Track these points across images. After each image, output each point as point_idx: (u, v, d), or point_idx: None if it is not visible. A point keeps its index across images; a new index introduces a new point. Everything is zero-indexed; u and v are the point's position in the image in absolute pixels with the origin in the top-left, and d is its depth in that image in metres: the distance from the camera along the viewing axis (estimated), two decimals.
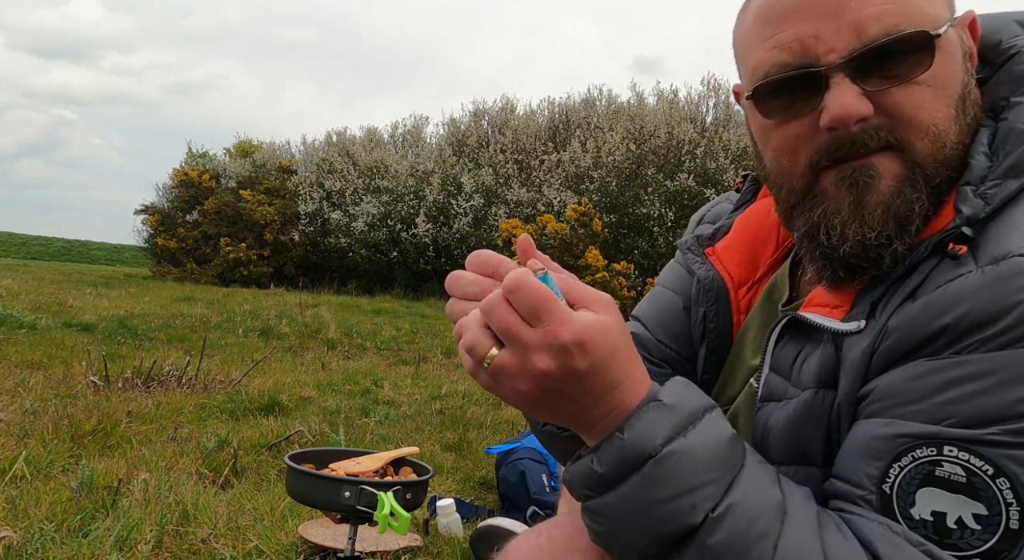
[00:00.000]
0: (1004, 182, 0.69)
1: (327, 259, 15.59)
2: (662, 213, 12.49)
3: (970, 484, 0.60)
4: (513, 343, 0.60)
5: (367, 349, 6.63)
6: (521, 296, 0.60)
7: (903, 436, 0.64)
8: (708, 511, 0.60)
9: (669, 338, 1.03)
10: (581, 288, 0.66)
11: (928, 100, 0.71)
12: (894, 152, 0.72)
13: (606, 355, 0.61)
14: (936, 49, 0.70)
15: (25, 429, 2.95)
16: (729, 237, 0.97)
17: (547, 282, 0.64)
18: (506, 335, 0.61)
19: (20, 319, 6.03)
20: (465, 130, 16.06)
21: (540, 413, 0.65)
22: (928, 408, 0.63)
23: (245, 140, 21.77)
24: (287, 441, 3.11)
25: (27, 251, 32.68)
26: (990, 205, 0.68)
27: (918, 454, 0.62)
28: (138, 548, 1.92)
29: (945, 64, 0.71)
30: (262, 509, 2.27)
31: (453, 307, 0.69)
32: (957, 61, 0.72)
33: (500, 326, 0.61)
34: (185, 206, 15.94)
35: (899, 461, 0.63)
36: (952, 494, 0.61)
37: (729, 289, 0.96)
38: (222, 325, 7.10)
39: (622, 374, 0.63)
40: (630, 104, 14.65)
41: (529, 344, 0.60)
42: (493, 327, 0.62)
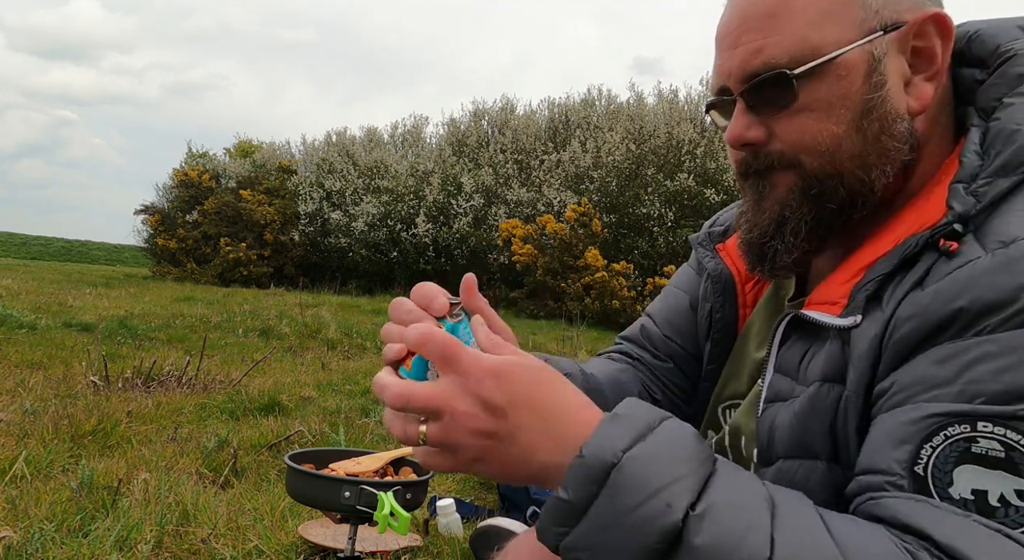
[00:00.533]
0: (995, 180, 0.71)
1: (327, 259, 15.59)
2: (662, 213, 12.49)
3: (1009, 459, 0.59)
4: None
5: (367, 349, 6.63)
6: (429, 349, 0.61)
7: (933, 416, 0.62)
8: (687, 508, 0.57)
9: (675, 334, 1.10)
10: (506, 333, 0.73)
11: (810, 124, 0.79)
12: (790, 169, 0.81)
13: (528, 387, 0.61)
14: (804, 80, 0.77)
15: (25, 429, 2.95)
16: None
17: (464, 325, 0.65)
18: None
19: (20, 319, 6.03)
20: (465, 130, 16.06)
21: (500, 472, 0.63)
22: (956, 389, 0.62)
23: (245, 140, 21.78)
24: (287, 441, 3.11)
25: (27, 251, 32.68)
26: (981, 202, 0.70)
27: (951, 431, 0.61)
28: (138, 548, 1.92)
29: (832, 87, 0.77)
30: (262, 509, 2.27)
31: (387, 328, 0.70)
32: (855, 80, 0.77)
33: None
34: (185, 206, 15.94)
35: (930, 441, 0.62)
36: (992, 470, 0.59)
37: (736, 283, 1.00)
38: (222, 325, 7.10)
39: (557, 405, 0.62)
40: (630, 104, 14.65)
41: (447, 396, 0.60)
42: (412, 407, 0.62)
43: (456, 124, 16.43)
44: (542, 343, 7.82)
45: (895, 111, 0.78)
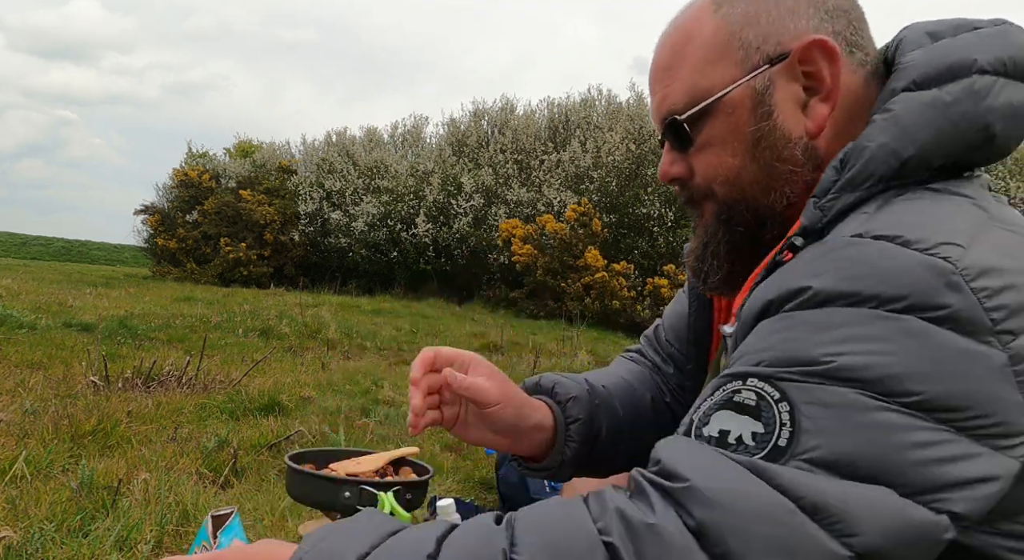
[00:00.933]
0: (841, 195, 0.75)
1: (327, 259, 15.59)
2: (662, 213, 12.49)
3: (757, 407, 0.66)
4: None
5: (367, 349, 6.63)
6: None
7: (724, 376, 0.70)
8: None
9: (675, 339, 1.17)
10: (488, 371, 1.00)
11: (712, 159, 0.87)
12: (709, 199, 0.90)
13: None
14: (698, 121, 0.86)
15: (25, 429, 2.95)
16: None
17: (227, 532, 0.84)
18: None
19: (20, 319, 6.03)
20: (465, 130, 16.07)
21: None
22: (749, 357, 0.69)
23: (245, 140, 21.77)
24: (287, 441, 3.11)
25: (27, 251, 32.69)
26: (827, 216, 0.75)
27: (727, 386, 0.69)
28: (138, 548, 1.92)
29: (723, 124, 0.85)
30: (262, 509, 2.27)
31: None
32: (741, 114, 0.84)
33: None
34: (185, 206, 15.94)
35: (712, 396, 0.70)
36: (740, 415, 0.66)
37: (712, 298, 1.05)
38: (222, 325, 7.10)
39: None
40: (629, 104, 14.65)
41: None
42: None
43: (456, 124, 16.44)
44: (542, 343, 7.82)
45: (786, 136, 0.84)
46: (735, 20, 0.85)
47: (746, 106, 0.84)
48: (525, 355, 6.88)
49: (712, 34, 0.85)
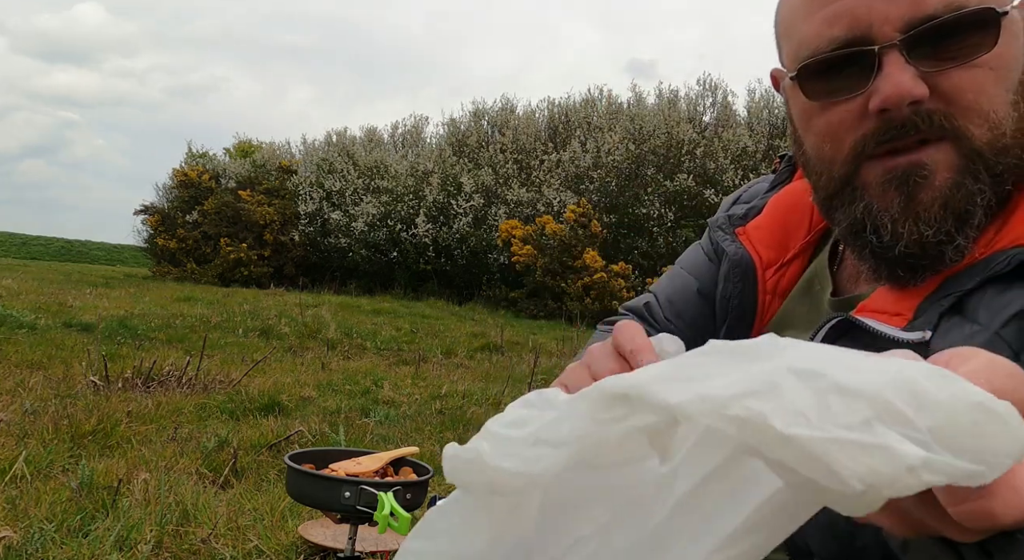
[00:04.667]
0: None
1: (327, 259, 15.59)
2: (662, 213, 12.50)
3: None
4: None
5: (367, 349, 6.63)
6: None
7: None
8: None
9: (675, 316, 1.02)
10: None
11: (989, 84, 0.66)
12: (949, 141, 0.67)
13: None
14: (1001, 29, 0.65)
15: (25, 429, 2.95)
16: (761, 217, 0.94)
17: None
18: None
19: (20, 319, 6.03)
20: (465, 130, 16.07)
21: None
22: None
23: (245, 140, 21.78)
24: (287, 441, 3.11)
25: (27, 251, 32.69)
26: None
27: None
28: (138, 548, 1.92)
29: (1009, 45, 0.66)
30: (262, 509, 2.27)
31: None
32: (1020, 44, 0.67)
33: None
34: (185, 206, 15.95)
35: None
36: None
37: (757, 269, 0.92)
38: (222, 325, 7.10)
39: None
40: (629, 104, 14.66)
41: None
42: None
43: (456, 124, 16.44)
44: (542, 343, 7.82)
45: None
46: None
47: (1021, 35, 0.67)
48: (525, 355, 6.88)
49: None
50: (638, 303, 1.10)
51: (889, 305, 0.70)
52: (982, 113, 0.66)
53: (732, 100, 14.41)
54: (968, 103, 0.66)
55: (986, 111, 0.66)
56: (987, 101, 0.66)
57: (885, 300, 0.71)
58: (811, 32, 0.70)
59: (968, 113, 0.66)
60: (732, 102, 14.37)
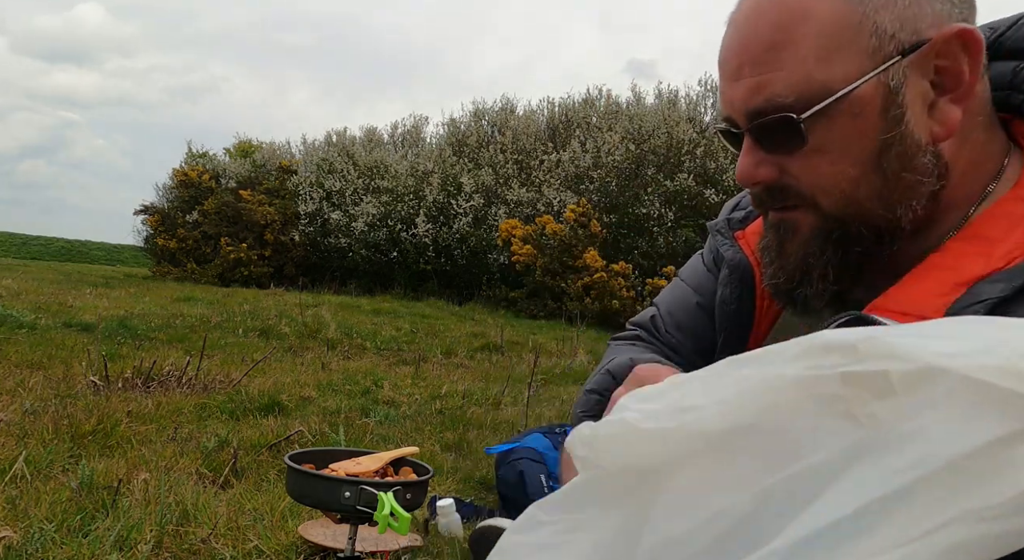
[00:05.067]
0: None
1: (327, 259, 15.59)
2: (662, 213, 12.50)
3: None
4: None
5: (367, 349, 6.63)
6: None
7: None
8: None
9: (675, 329, 1.05)
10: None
11: (824, 167, 0.72)
12: (808, 208, 0.75)
13: None
14: (813, 122, 0.70)
15: (25, 429, 2.95)
16: (760, 221, 0.93)
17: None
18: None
19: (20, 319, 6.03)
20: (465, 130, 16.07)
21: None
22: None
23: (245, 140, 21.77)
24: (287, 441, 3.11)
25: (27, 251, 32.69)
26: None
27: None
28: (138, 548, 1.92)
29: (845, 127, 0.71)
30: (262, 509, 2.27)
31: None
32: (869, 116, 0.70)
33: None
34: (185, 206, 15.94)
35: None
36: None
37: (756, 273, 0.93)
38: (222, 325, 7.10)
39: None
40: (629, 104, 14.65)
41: None
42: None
43: (456, 124, 16.43)
44: (542, 343, 7.82)
45: (916, 144, 0.71)
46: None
47: (875, 106, 0.70)
48: (525, 355, 6.88)
49: (836, 14, 0.69)
50: (645, 317, 1.12)
51: (914, 306, 0.70)
52: (824, 190, 0.73)
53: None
54: (810, 183, 0.73)
55: (827, 188, 0.73)
56: (826, 180, 0.72)
57: (904, 301, 0.71)
58: (719, 103, 0.80)
59: (813, 190, 0.73)
60: None
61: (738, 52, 0.74)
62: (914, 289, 0.72)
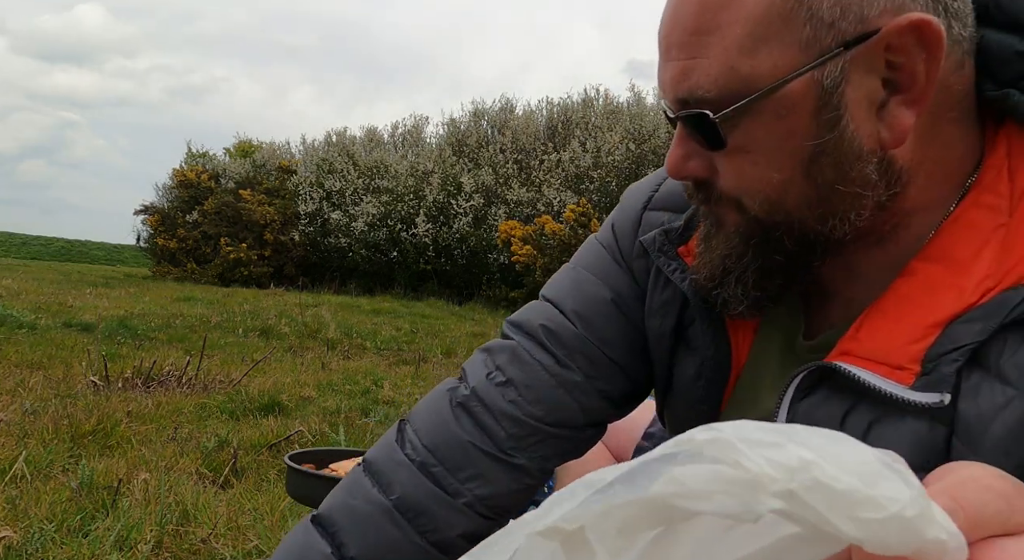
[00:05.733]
0: None
1: (327, 259, 15.59)
2: None
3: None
4: None
5: (367, 349, 6.63)
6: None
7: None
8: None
9: (588, 335, 0.87)
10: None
11: (747, 169, 0.64)
12: (734, 208, 0.68)
13: None
14: (734, 120, 0.62)
15: (25, 429, 2.95)
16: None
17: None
18: None
19: (20, 319, 6.03)
20: (465, 130, 16.06)
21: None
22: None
23: (245, 140, 21.77)
24: (287, 441, 3.11)
25: (27, 251, 32.68)
26: None
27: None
28: (138, 548, 1.92)
29: (769, 128, 0.62)
30: (262, 509, 2.27)
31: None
32: (799, 118, 0.61)
33: None
34: (185, 206, 15.95)
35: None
36: None
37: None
38: (222, 325, 7.10)
39: None
40: (629, 104, 14.66)
41: None
42: None
43: (456, 124, 16.43)
44: None
45: (856, 152, 0.62)
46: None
47: (806, 107, 0.61)
48: None
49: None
50: (531, 321, 0.89)
51: (884, 353, 0.62)
52: (748, 192, 0.65)
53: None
54: (734, 185, 0.66)
55: (751, 191, 0.65)
56: (749, 183, 0.65)
57: (876, 345, 0.63)
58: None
59: (737, 191, 0.66)
60: None
61: (669, 28, 0.65)
62: (886, 331, 0.63)
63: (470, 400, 0.88)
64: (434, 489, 0.85)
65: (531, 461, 0.87)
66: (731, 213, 0.68)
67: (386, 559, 0.84)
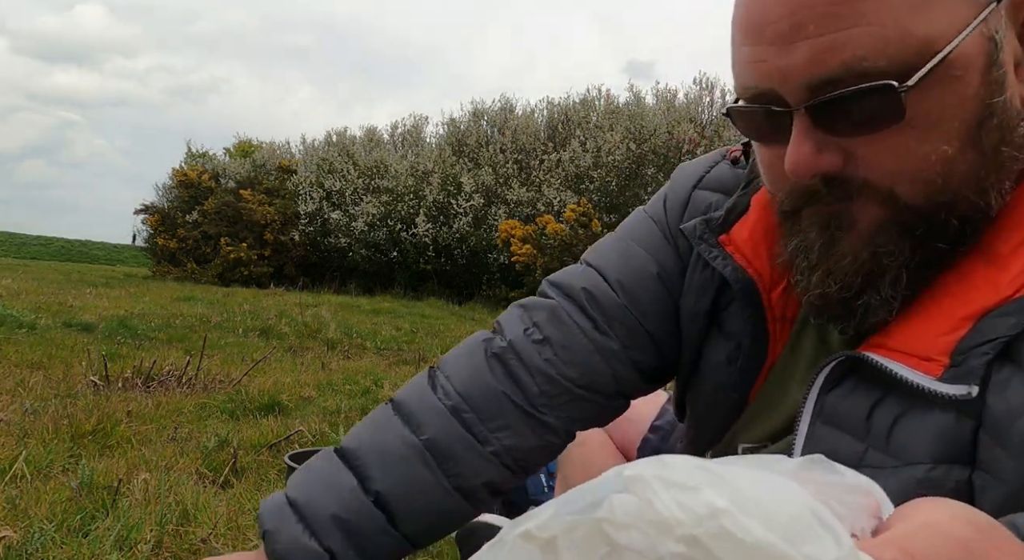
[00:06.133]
0: None
1: (327, 259, 15.59)
2: None
3: None
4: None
5: (367, 349, 6.63)
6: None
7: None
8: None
9: (630, 305, 0.86)
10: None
11: (913, 145, 0.58)
12: (873, 200, 0.61)
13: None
14: (915, 92, 0.56)
15: (25, 429, 2.95)
16: (749, 222, 0.78)
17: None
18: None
19: (20, 319, 6.03)
20: (465, 130, 16.06)
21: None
22: None
23: (245, 140, 21.77)
24: (287, 441, 3.11)
25: (27, 251, 32.68)
26: None
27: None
28: (138, 548, 1.92)
29: (944, 95, 0.57)
30: None
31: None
32: (971, 79, 0.57)
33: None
34: (185, 206, 15.95)
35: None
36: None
37: (761, 291, 0.76)
38: (222, 325, 7.10)
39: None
40: (629, 104, 14.66)
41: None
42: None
43: (456, 124, 16.43)
44: None
45: (1017, 113, 0.59)
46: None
47: (977, 66, 0.56)
48: None
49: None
50: (573, 283, 0.88)
51: (915, 345, 0.60)
52: (907, 175, 0.59)
53: (731, 100, 14.40)
54: (889, 169, 0.59)
55: (912, 173, 0.59)
56: (911, 163, 0.59)
57: (908, 337, 0.62)
58: (735, 72, 0.66)
59: (892, 177, 0.59)
60: (731, 101, 14.36)
61: (792, 7, 0.57)
62: (918, 324, 0.62)
63: (506, 352, 0.88)
64: (464, 434, 0.86)
65: (558, 420, 0.88)
66: (872, 208, 0.61)
67: (410, 497, 0.85)
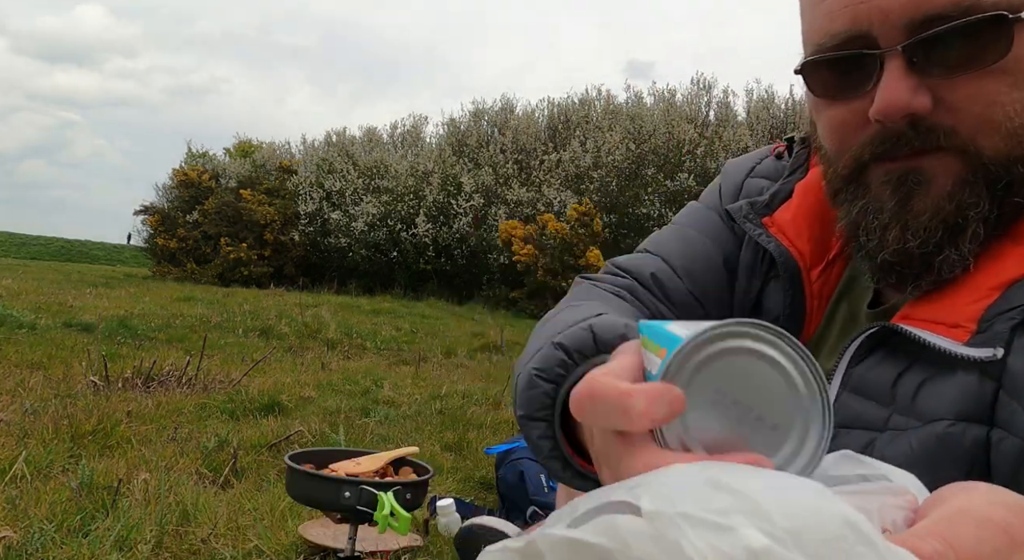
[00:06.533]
0: None
1: (327, 259, 15.60)
2: (662, 213, 12.50)
3: None
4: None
5: (367, 349, 6.63)
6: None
7: None
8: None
9: (696, 287, 0.86)
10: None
11: (1003, 91, 0.58)
12: (951, 153, 0.61)
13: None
14: (1015, 32, 0.57)
15: (25, 429, 2.95)
16: (792, 206, 0.80)
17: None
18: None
19: (20, 319, 6.03)
20: (465, 130, 16.08)
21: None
22: None
23: (245, 140, 21.77)
24: (287, 441, 3.11)
25: (27, 251, 32.69)
26: None
27: None
28: (138, 548, 1.92)
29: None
30: (262, 509, 2.27)
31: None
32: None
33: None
34: (185, 206, 15.95)
35: None
36: None
37: (801, 270, 0.78)
38: (222, 325, 7.10)
39: None
40: (628, 104, 14.67)
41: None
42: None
43: (456, 124, 16.44)
44: None
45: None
46: None
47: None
48: None
49: None
50: (643, 267, 0.88)
51: (943, 314, 0.62)
52: (994, 124, 0.59)
53: (732, 100, 14.42)
54: (978, 115, 0.59)
55: (999, 121, 0.59)
56: (1000, 110, 0.59)
57: (936, 308, 0.63)
58: (815, 23, 0.65)
59: (978, 125, 0.59)
60: (732, 102, 14.38)
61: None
62: (949, 295, 0.63)
63: (621, 291, 0.86)
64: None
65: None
66: (951, 162, 0.61)
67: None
